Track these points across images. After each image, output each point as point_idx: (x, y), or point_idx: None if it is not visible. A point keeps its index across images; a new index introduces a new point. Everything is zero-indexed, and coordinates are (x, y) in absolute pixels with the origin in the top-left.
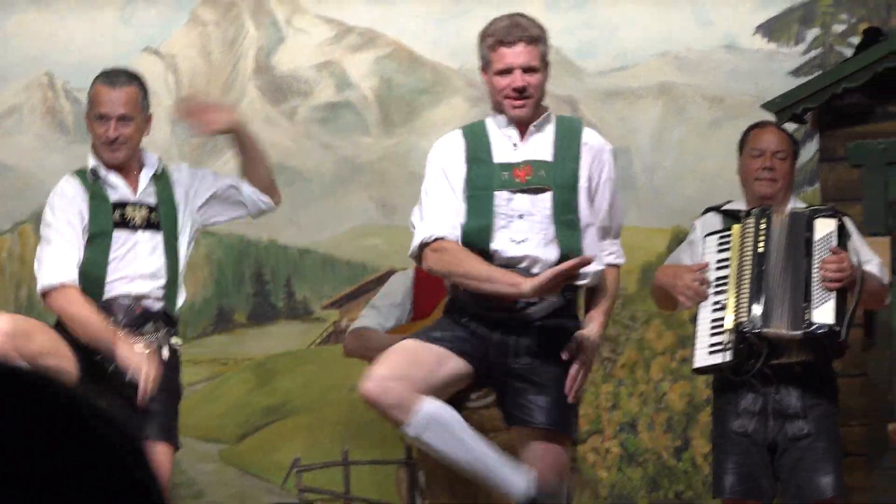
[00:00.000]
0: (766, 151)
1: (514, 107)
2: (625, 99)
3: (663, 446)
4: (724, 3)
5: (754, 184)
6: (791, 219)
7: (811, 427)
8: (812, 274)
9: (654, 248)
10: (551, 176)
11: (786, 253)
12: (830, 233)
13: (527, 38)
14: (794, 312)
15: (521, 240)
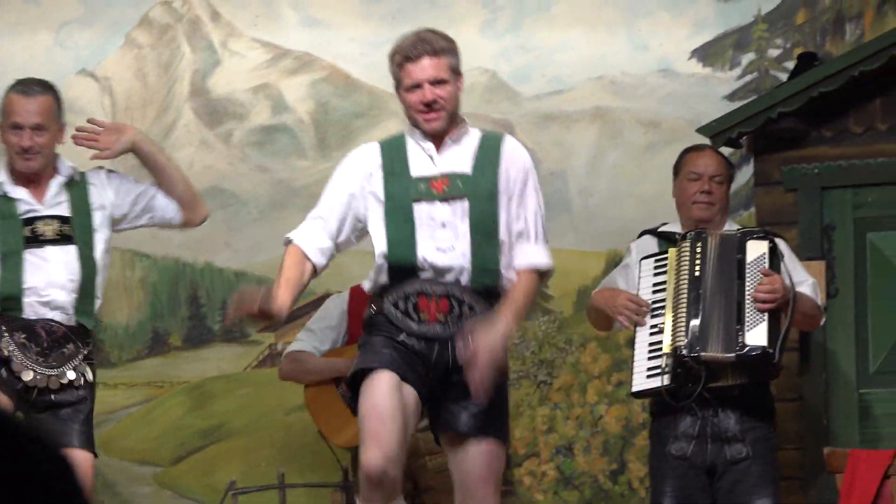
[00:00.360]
0: (704, 175)
1: (426, 120)
2: (560, 123)
3: (599, 469)
4: (660, 27)
5: (691, 207)
6: (722, 241)
7: (749, 450)
8: (745, 296)
9: (590, 271)
10: (469, 187)
11: (718, 276)
12: (762, 255)
13: (431, 51)
14: (728, 335)
15: (448, 247)
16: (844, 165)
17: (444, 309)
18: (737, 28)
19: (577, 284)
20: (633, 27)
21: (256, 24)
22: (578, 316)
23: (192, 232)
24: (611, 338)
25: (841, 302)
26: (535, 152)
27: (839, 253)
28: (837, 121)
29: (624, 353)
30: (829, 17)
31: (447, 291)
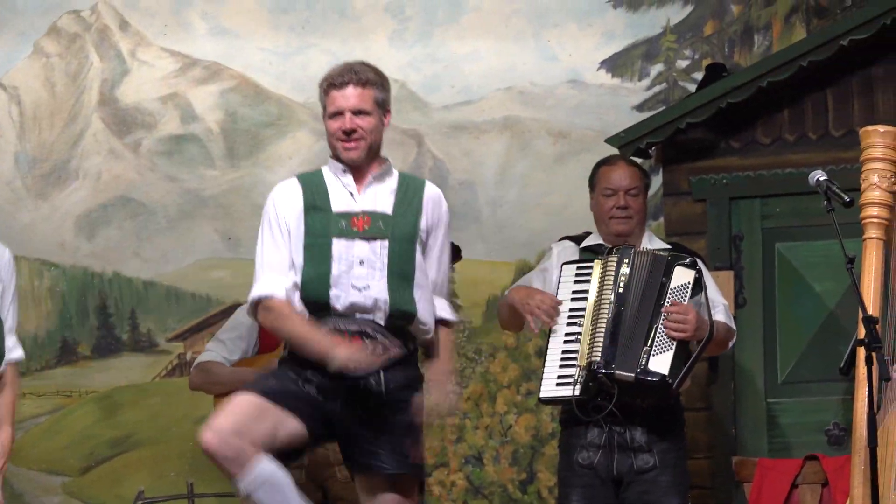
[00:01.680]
0: (619, 190)
1: (345, 149)
2: (469, 133)
3: (509, 479)
4: (569, 38)
5: (609, 222)
6: (652, 261)
7: (657, 460)
8: (660, 321)
9: (499, 281)
10: (389, 228)
11: (641, 294)
12: (687, 283)
13: (357, 80)
14: (633, 354)
15: (363, 286)
16: (752, 176)
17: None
18: (645, 39)
19: (487, 294)
20: (541, 38)
21: (165, 34)
22: (488, 326)
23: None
24: (520, 347)
25: (749, 312)
26: (445, 162)
27: (747, 263)
28: (745, 131)
29: (533, 362)
30: (737, 28)
31: (360, 329)
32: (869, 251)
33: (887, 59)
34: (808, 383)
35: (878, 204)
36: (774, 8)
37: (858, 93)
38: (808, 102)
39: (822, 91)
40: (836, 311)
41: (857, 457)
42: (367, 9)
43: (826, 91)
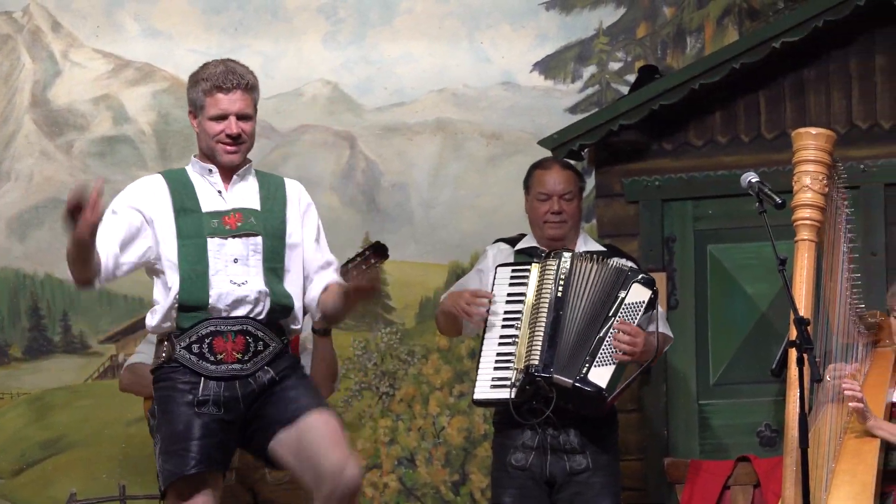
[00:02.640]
0: (553, 195)
1: (227, 152)
2: (402, 135)
3: (441, 481)
4: (502, 40)
5: (544, 226)
6: (613, 273)
7: (589, 462)
8: (609, 333)
9: (431, 282)
10: (261, 223)
11: (591, 301)
12: (642, 301)
13: (244, 84)
14: (575, 361)
15: (242, 282)
16: (685, 178)
17: (241, 347)
18: (578, 41)
19: (420, 296)
20: (475, 40)
21: (98, 35)
22: (420, 327)
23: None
24: (452, 349)
25: (681, 314)
26: (377, 164)
27: (680, 265)
28: (678, 133)
29: (466, 364)
30: (669, 30)
31: (242, 328)
32: (801, 253)
33: (819, 62)
34: (739, 385)
35: (809, 206)
36: (707, 10)
37: (790, 95)
38: (741, 104)
39: (755, 93)
40: (768, 313)
41: (789, 458)
42: (300, 10)
43: (758, 93)
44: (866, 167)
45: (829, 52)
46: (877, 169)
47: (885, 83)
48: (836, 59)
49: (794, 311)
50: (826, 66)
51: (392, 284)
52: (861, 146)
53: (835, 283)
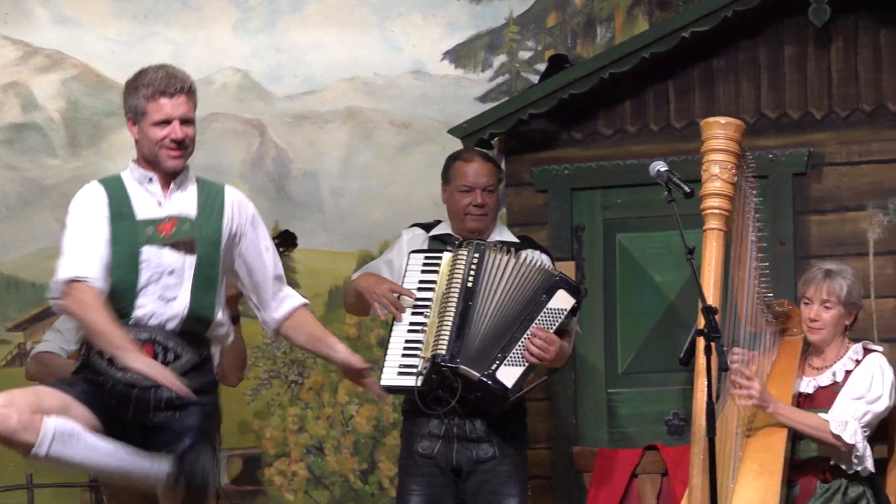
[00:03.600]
0: (475, 188)
1: (171, 157)
2: (313, 123)
3: (350, 469)
4: (412, 29)
5: (465, 218)
6: (540, 275)
7: (496, 450)
8: (525, 335)
9: (341, 271)
10: (196, 231)
11: (509, 296)
12: (564, 309)
13: (186, 89)
14: (485, 356)
15: (172, 297)
16: (594, 167)
17: (149, 355)
18: (488, 30)
19: (329, 285)
20: (385, 28)
21: (6, 22)
22: (330, 316)
23: None
24: (362, 338)
25: (590, 303)
26: (287, 152)
27: (588, 254)
28: (587, 123)
29: (375, 353)
30: (579, 19)
31: (151, 337)
32: (709, 242)
33: (728, 51)
34: (648, 373)
35: (718, 195)
36: (617, 0)
37: (699, 84)
38: (650, 94)
39: (664, 83)
40: (677, 302)
41: (697, 446)
42: None
43: (668, 83)
44: (774, 157)
45: (739, 42)
46: (785, 158)
47: (793, 73)
48: (745, 49)
49: (702, 299)
50: (735, 56)
51: (301, 273)
52: (769, 136)
53: (743, 272)
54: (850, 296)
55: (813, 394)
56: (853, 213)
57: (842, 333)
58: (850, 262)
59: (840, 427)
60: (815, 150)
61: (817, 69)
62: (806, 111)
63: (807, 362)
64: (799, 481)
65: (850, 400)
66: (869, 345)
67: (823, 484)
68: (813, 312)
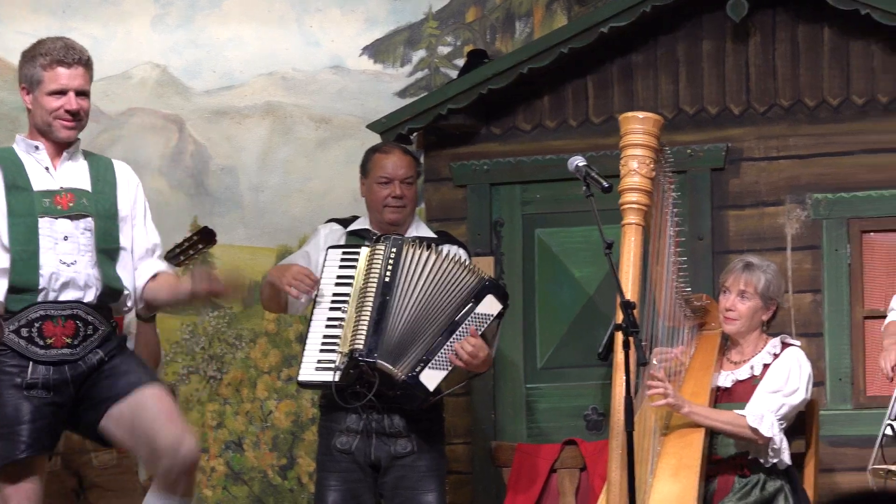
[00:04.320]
0: (394, 179)
1: (65, 128)
2: (231, 118)
3: (269, 465)
4: (331, 24)
5: (383, 211)
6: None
7: (414, 445)
8: (451, 339)
9: (260, 266)
10: (93, 204)
11: (431, 293)
12: (491, 315)
13: (83, 61)
14: (406, 351)
15: (71, 262)
16: (513, 162)
17: (71, 332)
18: (408, 25)
19: (248, 280)
20: (304, 23)
21: None
22: (248, 312)
23: None
24: (281, 333)
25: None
26: (206, 147)
27: (507, 249)
28: (506, 118)
29: (294, 348)
30: (498, 15)
31: (73, 312)
32: (627, 237)
33: (647, 47)
34: (566, 368)
35: (636, 190)
36: None
37: (618, 79)
38: (569, 89)
39: (583, 78)
40: (595, 297)
41: (615, 441)
42: None
43: (586, 78)
44: (693, 152)
45: (657, 37)
46: (703, 154)
47: (711, 69)
48: (664, 45)
49: (620, 294)
50: (654, 51)
51: (220, 269)
52: (688, 131)
53: (661, 266)
54: (769, 289)
55: (731, 388)
56: (771, 208)
57: (759, 328)
58: (768, 256)
59: (757, 420)
60: (733, 146)
61: (735, 64)
62: (724, 106)
63: (725, 356)
64: (717, 477)
65: (767, 393)
66: (787, 339)
67: (741, 479)
68: (729, 302)
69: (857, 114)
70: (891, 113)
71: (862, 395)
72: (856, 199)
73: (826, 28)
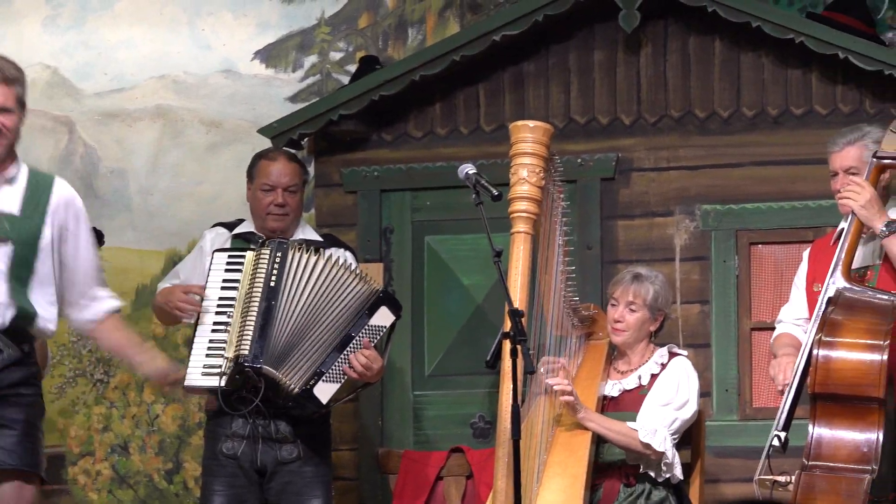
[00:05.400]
0: (277, 187)
1: None
2: (122, 121)
3: (155, 469)
4: (223, 28)
5: (266, 218)
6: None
7: (300, 451)
8: (345, 351)
9: (149, 270)
10: (15, 230)
11: (328, 302)
12: (384, 326)
13: (3, 78)
14: (305, 372)
15: None
16: (404, 169)
17: None
18: (300, 30)
19: (136, 283)
20: (196, 27)
21: None
22: (137, 314)
23: None
24: (168, 337)
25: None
26: (96, 150)
27: (397, 256)
28: (397, 124)
29: (182, 352)
30: (391, 21)
31: None
32: (516, 245)
33: (538, 55)
34: (454, 376)
35: (526, 198)
36: (429, 2)
37: (510, 88)
38: (461, 97)
39: (474, 86)
40: (484, 305)
41: (501, 449)
42: None
43: (478, 86)
44: (583, 161)
45: (549, 46)
46: (593, 163)
47: (602, 79)
48: (556, 54)
49: (508, 302)
50: (545, 60)
51: (109, 271)
52: (578, 140)
53: (550, 275)
54: (657, 301)
55: (618, 397)
56: (660, 218)
57: (647, 338)
58: (656, 267)
59: (649, 435)
60: (623, 156)
61: (627, 75)
62: (615, 116)
63: (612, 366)
64: (602, 484)
65: (658, 407)
66: (674, 349)
67: (627, 488)
68: (618, 314)
69: (747, 126)
70: (780, 125)
71: (748, 406)
72: (744, 211)
73: (717, 40)
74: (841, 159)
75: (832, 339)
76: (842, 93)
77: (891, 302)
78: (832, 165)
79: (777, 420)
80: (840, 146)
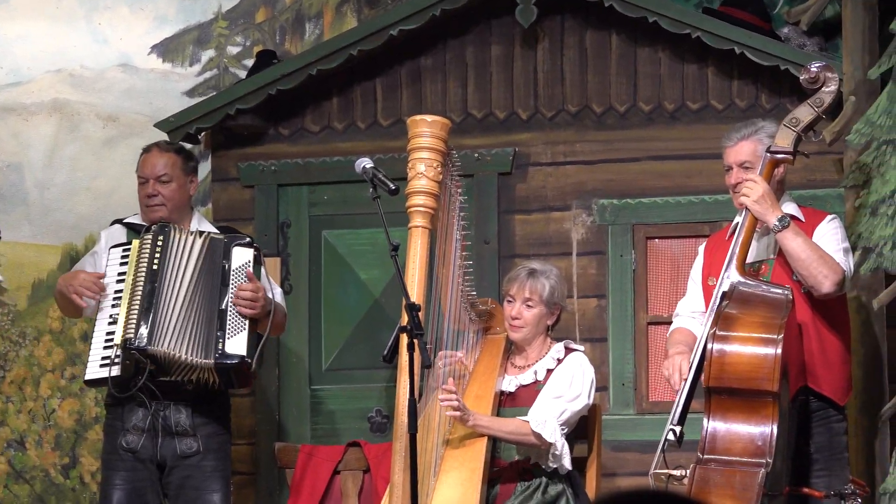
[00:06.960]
0: (149, 178)
1: None
2: (18, 115)
3: (51, 464)
4: (120, 21)
5: (146, 210)
6: (209, 246)
7: (200, 445)
8: (229, 303)
9: (45, 264)
10: None
11: (200, 278)
12: (248, 262)
13: None
14: (208, 341)
15: None
16: (301, 163)
17: None
18: (197, 24)
19: (33, 278)
20: (92, 21)
21: None
22: (33, 309)
23: None
24: (65, 332)
25: (295, 299)
26: None
27: (294, 250)
28: (295, 119)
29: (78, 347)
30: (288, 16)
31: None
32: (414, 239)
33: (436, 50)
34: (352, 370)
35: (423, 193)
36: None
37: (407, 83)
38: (358, 91)
39: (372, 80)
40: (381, 299)
41: (398, 443)
42: None
43: (375, 80)
44: (480, 156)
45: (446, 40)
46: (491, 158)
47: (500, 73)
48: (453, 49)
49: (405, 297)
50: (443, 54)
51: (5, 266)
52: (476, 135)
53: (447, 270)
54: (553, 296)
55: (515, 392)
56: (557, 213)
57: (544, 333)
58: (553, 261)
59: (539, 425)
60: (520, 150)
61: (524, 69)
62: (512, 111)
63: (509, 361)
64: (499, 481)
65: (551, 398)
66: (570, 344)
67: (524, 483)
68: (515, 310)
69: (644, 121)
70: (676, 120)
71: (644, 400)
72: (641, 206)
73: (614, 35)
74: (735, 154)
75: (726, 333)
76: (738, 88)
77: (785, 296)
78: (726, 160)
79: (672, 414)
80: (734, 141)
